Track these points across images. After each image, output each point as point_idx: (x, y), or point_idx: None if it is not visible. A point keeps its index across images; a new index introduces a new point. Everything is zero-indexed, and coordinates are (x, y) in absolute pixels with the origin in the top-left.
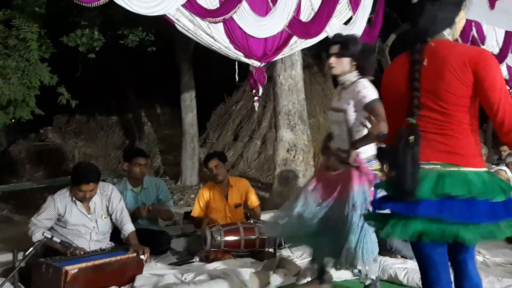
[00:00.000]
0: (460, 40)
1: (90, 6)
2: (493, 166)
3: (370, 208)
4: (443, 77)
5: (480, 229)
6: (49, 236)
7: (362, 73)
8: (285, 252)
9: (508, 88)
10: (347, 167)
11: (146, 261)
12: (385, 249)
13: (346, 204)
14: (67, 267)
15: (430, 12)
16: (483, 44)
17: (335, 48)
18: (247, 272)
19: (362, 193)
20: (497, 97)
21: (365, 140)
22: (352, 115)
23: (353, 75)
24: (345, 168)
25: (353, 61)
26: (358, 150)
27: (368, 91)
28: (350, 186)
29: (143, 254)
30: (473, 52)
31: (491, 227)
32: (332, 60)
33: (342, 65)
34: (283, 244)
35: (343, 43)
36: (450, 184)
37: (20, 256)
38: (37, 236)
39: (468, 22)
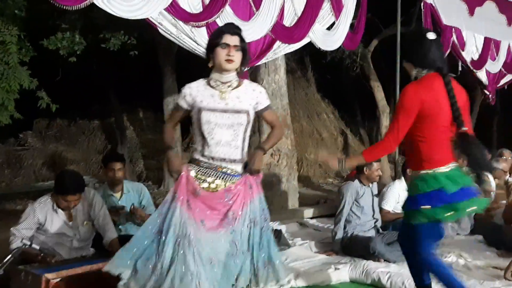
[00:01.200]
0: None
1: (71, 9)
2: None
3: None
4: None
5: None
6: (28, 243)
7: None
8: None
9: (487, 93)
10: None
11: None
12: (368, 253)
13: (245, 221)
14: (47, 275)
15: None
16: (463, 50)
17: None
18: None
19: (259, 203)
20: None
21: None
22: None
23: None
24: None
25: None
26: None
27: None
28: (248, 200)
29: None
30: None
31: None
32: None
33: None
34: None
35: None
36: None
37: None
38: (15, 244)
39: (449, 28)
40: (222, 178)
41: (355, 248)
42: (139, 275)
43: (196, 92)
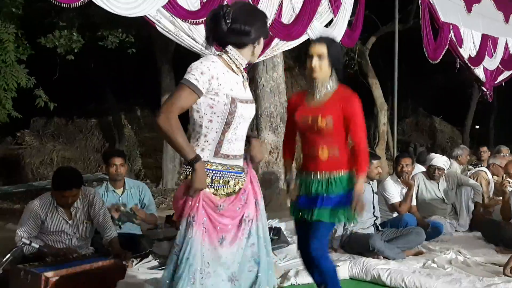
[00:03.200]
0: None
1: (68, 6)
2: (471, 167)
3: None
4: None
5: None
6: (27, 242)
7: None
8: None
9: (485, 90)
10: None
11: (128, 266)
12: (367, 250)
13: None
14: (46, 273)
15: None
16: (460, 47)
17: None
18: None
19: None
20: None
21: None
22: None
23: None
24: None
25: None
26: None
27: None
28: (258, 197)
29: (125, 259)
30: None
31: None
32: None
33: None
34: None
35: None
36: None
37: None
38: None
39: (446, 25)
40: (235, 179)
41: (354, 245)
42: None
43: (222, 76)
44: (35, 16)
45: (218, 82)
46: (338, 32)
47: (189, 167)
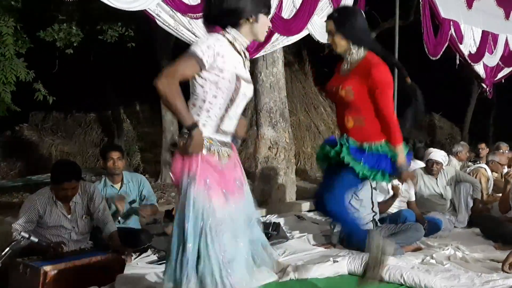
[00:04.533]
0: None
1: (68, 0)
2: (470, 163)
3: None
4: None
5: None
6: (26, 236)
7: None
8: None
9: (485, 86)
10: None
11: (127, 261)
12: (366, 246)
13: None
14: (46, 267)
15: None
16: (460, 43)
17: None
18: None
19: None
20: None
21: None
22: None
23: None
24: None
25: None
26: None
27: None
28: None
29: (125, 254)
30: None
31: None
32: None
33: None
34: None
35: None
36: None
37: None
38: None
39: (447, 22)
40: (227, 152)
41: (353, 241)
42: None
43: (228, 54)
44: (34, 10)
45: (223, 60)
46: None
47: (187, 131)
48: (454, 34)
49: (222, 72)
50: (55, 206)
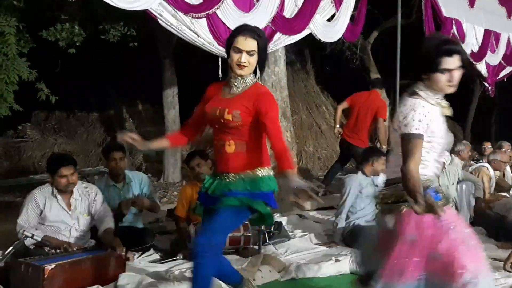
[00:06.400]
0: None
1: None
2: (473, 162)
3: None
4: None
5: None
6: (29, 234)
7: None
8: (269, 249)
9: (487, 85)
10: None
11: (128, 259)
12: None
13: None
14: (47, 266)
15: None
16: (463, 42)
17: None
18: None
19: None
20: None
21: None
22: None
23: None
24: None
25: None
26: None
27: None
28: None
29: (119, 250)
30: None
31: None
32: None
33: None
34: (268, 241)
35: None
36: None
37: None
38: (22, 235)
39: (449, 20)
40: None
41: (356, 238)
42: None
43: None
44: (37, 9)
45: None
46: (340, 26)
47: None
48: (456, 33)
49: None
50: (55, 200)
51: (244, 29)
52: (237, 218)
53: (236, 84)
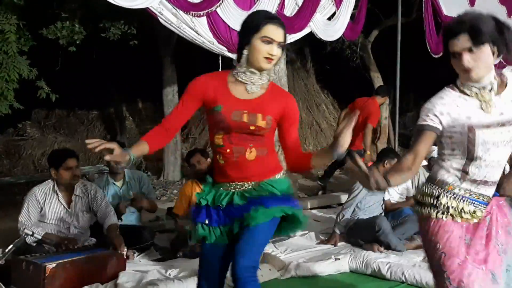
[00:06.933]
0: None
1: None
2: None
3: None
4: None
5: None
6: (30, 232)
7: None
8: (269, 247)
9: None
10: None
11: (128, 257)
12: (373, 233)
13: None
14: (48, 264)
15: None
16: None
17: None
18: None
19: None
20: None
21: None
22: None
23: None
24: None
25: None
26: None
27: None
28: None
29: (121, 247)
30: None
31: None
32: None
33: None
34: None
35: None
36: None
37: None
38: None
39: (449, 19)
40: None
41: (359, 231)
42: None
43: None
44: (37, 7)
45: None
46: (340, 25)
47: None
48: None
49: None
50: (55, 197)
51: (273, 17)
52: (271, 231)
53: (253, 81)
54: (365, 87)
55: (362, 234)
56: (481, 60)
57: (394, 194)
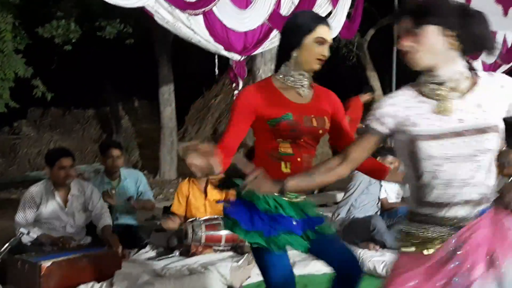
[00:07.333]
0: None
1: None
2: None
3: None
4: None
5: None
6: (25, 231)
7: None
8: None
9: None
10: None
11: (124, 256)
12: (367, 232)
13: None
14: (43, 263)
15: None
16: None
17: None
18: (227, 266)
19: None
20: None
21: None
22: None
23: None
24: None
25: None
26: None
27: None
28: None
29: (116, 247)
30: None
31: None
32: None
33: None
34: None
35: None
36: None
37: None
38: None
39: None
40: None
41: (353, 230)
42: None
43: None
44: (33, 6)
45: None
46: (337, 24)
47: None
48: None
49: None
50: (52, 196)
51: (323, 17)
52: None
53: (302, 83)
54: (361, 85)
55: (358, 233)
56: (423, 43)
57: (391, 194)
